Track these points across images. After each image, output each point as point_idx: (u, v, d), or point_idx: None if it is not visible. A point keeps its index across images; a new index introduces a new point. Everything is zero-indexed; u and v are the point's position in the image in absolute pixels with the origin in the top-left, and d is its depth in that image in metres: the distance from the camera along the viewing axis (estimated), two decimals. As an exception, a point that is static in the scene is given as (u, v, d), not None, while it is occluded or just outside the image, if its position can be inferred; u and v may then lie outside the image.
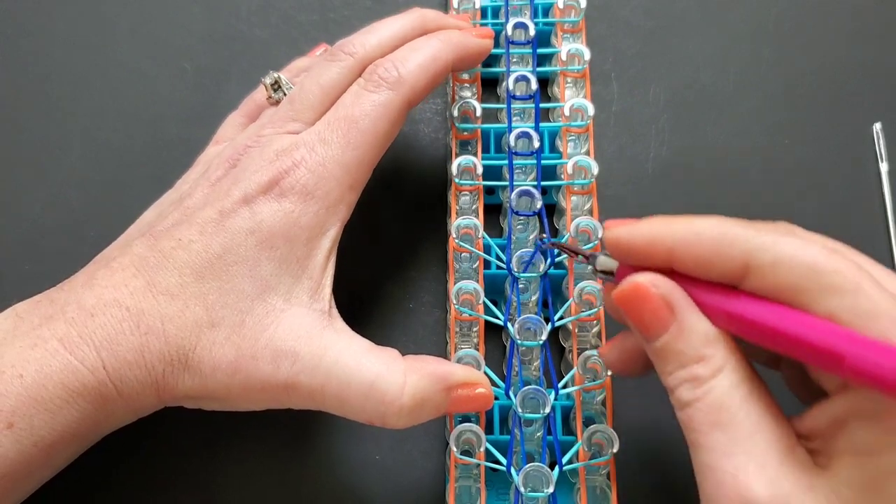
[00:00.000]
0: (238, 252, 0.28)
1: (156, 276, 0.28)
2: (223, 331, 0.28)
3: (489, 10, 0.39)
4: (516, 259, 0.32)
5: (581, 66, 0.37)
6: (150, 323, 0.27)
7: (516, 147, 0.34)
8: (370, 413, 0.28)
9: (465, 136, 0.36)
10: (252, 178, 0.29)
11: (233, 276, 0.28)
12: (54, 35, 0.42)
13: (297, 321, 0.28)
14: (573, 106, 0.35)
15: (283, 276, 0.28)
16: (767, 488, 0.23)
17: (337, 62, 0.32)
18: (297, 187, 0.29)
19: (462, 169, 0.34)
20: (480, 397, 0.29)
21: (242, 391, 0.28)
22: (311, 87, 0.32)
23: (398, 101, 0.31)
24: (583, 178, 0.34)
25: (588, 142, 0.36)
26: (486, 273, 0.34)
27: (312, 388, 0.28)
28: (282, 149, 0.30)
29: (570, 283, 0.33)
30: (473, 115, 0.35)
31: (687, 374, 0.25)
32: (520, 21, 0.36)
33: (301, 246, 0.29)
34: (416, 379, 0.28)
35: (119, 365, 0.27)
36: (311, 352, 0.28)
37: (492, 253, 0.34)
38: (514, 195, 0.33)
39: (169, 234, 0.29)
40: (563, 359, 0.34)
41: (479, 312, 0.32)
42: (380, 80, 0.31)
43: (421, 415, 0.28)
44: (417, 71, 0.31)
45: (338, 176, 0.30)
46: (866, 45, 0.41)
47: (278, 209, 0.29)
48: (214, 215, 0.29)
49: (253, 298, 0.28)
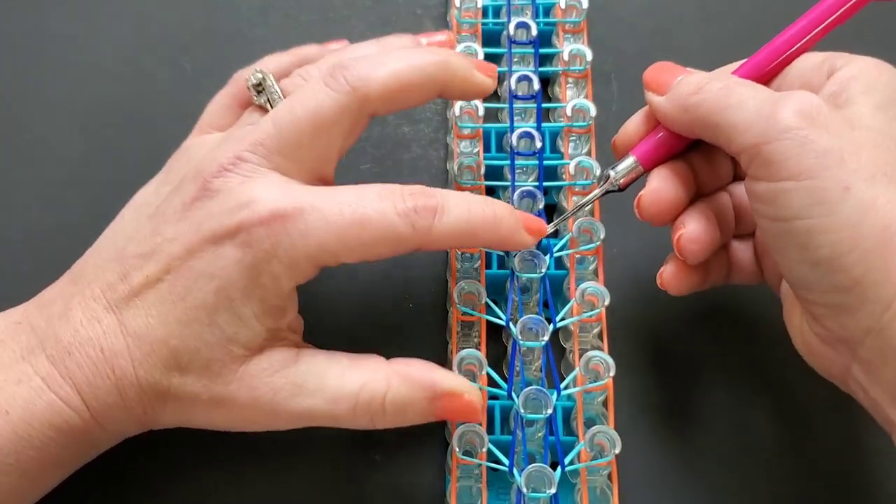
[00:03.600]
0: (198, 297, 0.28)
1: (125, 316, 0.28)
2: (191, 375, 0.28)
3: (490, 9, 0.39)
4: (518, 259, 0.32)
5: (583, 67, 0.37)
6: (122, 367, 0.27)
7: (518, 147, 0.34)
8: (360, 422, 0.28)
9: (467, 135, 0.36)
10: (224, 216, 0.28)
11: (193, 321, 0.28)
12: (54, 34, 0.42)
13: (264, 362, 0.28)
14: (575, 106, 0.35)
15: (242, 330, 0.28)
16: None
17: (330, 91, 0.29)
18: (265, 245, 0.27)
19: (464, 168, 0.34)
20: (467, 407, 0.29)
21: (227, 422, 0.29)
22: (300, 118, 0.29)
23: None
24: (584, 178, 0.34)
25: (589, 142, 0.36)
26: (488, 273, 0.34)
27: (300, 412, 0.28)
28: (264, 198, 0.28)
29: (572, 283, 0.33)
30: (475, 114, 0.35)
31: None
32: (522, 21, 0.36)
33: (257, 303, 0.28)
34: (399, 383, 0.28)
35: (100, 406, 0.27)
36: (289, 381, 0.28)
37: (493, 254, 0.34)
38: (516, 196, 0.33)
39: (138, 268, 0.28)
40: (563, 359, 0.34)
41: (481, 312, 0.32)
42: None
43: (405, 420, 0.29)
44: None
45: (311, 252, 0.27)
46: (866, 46, 0.41)
47: (240, 260, 0.27)
48: (181, 253, 0.28)
49: (214, 346, 0.28)
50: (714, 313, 0.36)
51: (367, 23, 0.42)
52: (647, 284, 0.36)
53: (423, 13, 0.42)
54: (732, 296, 0.36)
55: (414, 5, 0.42)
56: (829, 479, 0.33)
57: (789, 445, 0.33)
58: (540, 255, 0.32)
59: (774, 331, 0.35)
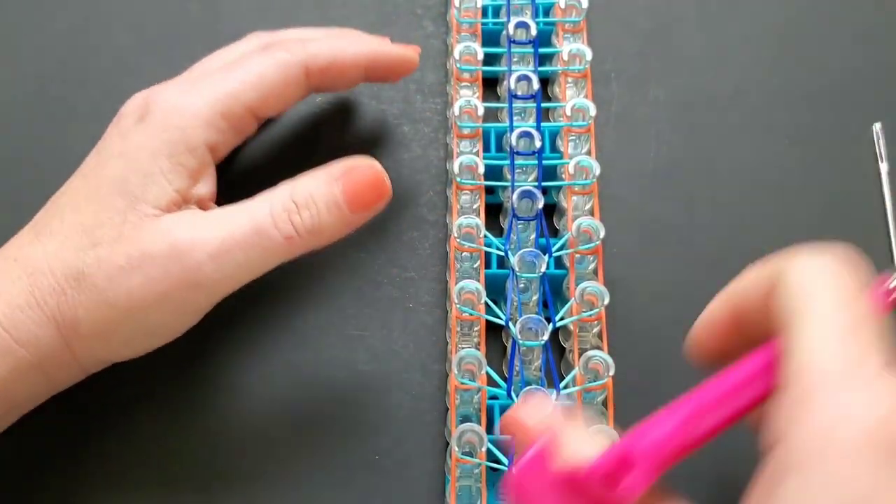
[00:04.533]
0: (107, 175, 0.29)
1: (42, 226, 0.29)
2: (105, 247, 0.28)
3: (490, 8, 0.39)
4: (518, 258, 0.32)
5: (583, 67, 0.37)
6: (34, 264, 0.28)
7: (518, 147, 0.34)
8: (281, 227, 0.28)
9: (467, 134, 0.36)
10: (128, 115, 0.30)
11: (103, 196, 0.29)
12: (54, 35, 0.42)
13: (175, 217, 0.29)
14: (574, 106, 0.35)
15: (150, 187, 0.29)
16: None
17: (246, 42, 0.34)
18: (163, 106, 0.30)
19: (463, 168, 0.34)
20: (369, 175, 0.30)
21: (145, 288, 0.28)
22: (214, 57, 0.34)
23: (295, 62, 0.31)
24: (584, 178, 0.34)
25: (589, 142, 0.36)
26: (487, 273, 0.34)
27: (223, 237, 0.28)
28: (161, 86, 0.31)
29: (572, 283, 0.33)
30: (475, 114, 0.35)
31: None
32: (521, 20, 0.36)
33: (164, 159, 0.29)
34: (304, 180, 0.30)
35: (10, 311, 0.27)
36: (205, 218, 0.29)
37: (493, 254, 0.34)
38: (515, 196, 0.33)
39: (61, 190, 0.30)
40: (563, 359, 0.34)
41: (481, 312, 0.32)
42: (282, 47, 0.32)
43: (319, 216, 0.29)
44: (323, 48, 0.32)
45: (209, 100, 0.30)
46: (866, 46, 0.41)
47: (145, 128, 0.29)
48: (94, 158, 0.30)
49: (125, 211, 0.28)
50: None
51: (367, 23, 0.42)
52: (648, 284, 0.36)
53: (423, 13, 0.42)
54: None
55: (414, 5, 0.42)
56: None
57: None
58: (540, 255, 0.32)
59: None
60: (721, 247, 0.37)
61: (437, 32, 0.42)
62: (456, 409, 0.31)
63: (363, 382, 0.34)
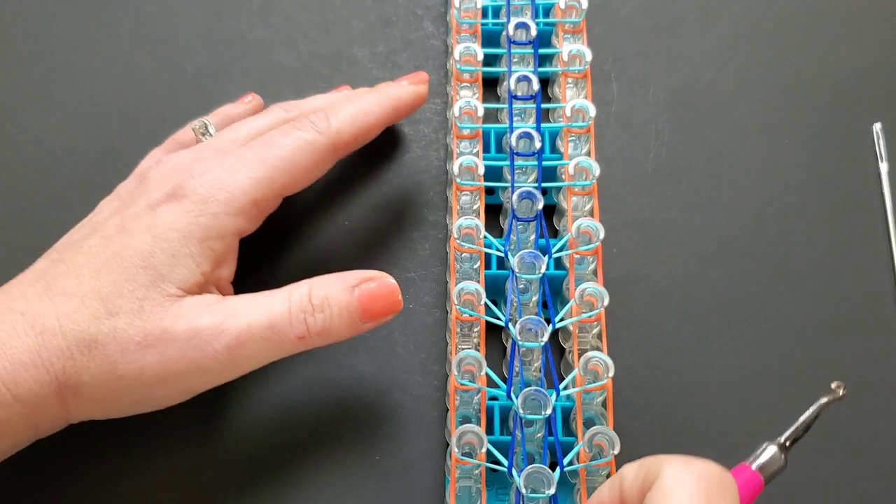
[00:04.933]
0: (134, 247, 0.29)
1: (54, 282, 0.28)
2: (123, 318, 0.28)
3: (490, 9, 0.39)
4: (518, 259, 0.32)
5: (582, 67, 0.37)
6: (45, 323, 0.27)
7: (518, 147, 0.34)
8: (295, 327, 0.29)
9: (467, 135, 0.36)
10: (159, 187, 0.30)
11: (127, 267, 0.28)
12: (55, 35, 0.42)
13: (196, 301, 0.29)
14: (574, 107, 0.35)
15: (177, 268, 0.29)
16: None
17: (271, 114, 0.34)
18: (199, 190, 0.30)
19: (463, 168, 0.34)
20: (384, 289, 0.30)
21: (159, 367, 0.28)
22: (240, 128, 0.33)
23: (323, 143, 0.32)
24: (584, 179, 0.34)
25: (589, 142, 0.36)
26: (487, 273, 0.34)
27: (241, 329, 0.28)
28: (191, 159, 0.31)
29: (571, 284, 0.33)
30: (475, 114, 0.35)
31: None
32: (521, 21, 0.36)
33: (195, 243, 0.29)
34: (320, 282, 0.30)
35: (13, 367, 0.26)
36: (225, 308, 0.29)
37: (493, 255, 0.34)
38: (515, 197, 0.33)
39: (73, 245, 0.30)
40: (563, 359, 0.34)
41: (481, 313, 0.32)
42: (309, 124, 0.32)
43: (331, 319, 0.29)
44: (347, 120, 0.33)
45: (244, 187, 0.30)
46: (866, 45, 0.41)
47: (178, 209, 0.29)
48: (118, 221, 0.30)
49: (148, 286, 0.28)
50: (713, 313, 0.36)
51: (367, 23, 0.42)
52: (647, 284, 0.36)
53: (423, 13, 0.42)
54: (732, 297, 0.36)
55: (414, 5, 0.42)
56: (832, 480, 0.33)
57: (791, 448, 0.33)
58: (539, 256, 0.32)
59: (775, 332, 0.36)
60: (721, 247, 0.37)
61: (437, 33, 0.42)
62: (456, 409, 0.31)
63: (364, 383, 0.34)
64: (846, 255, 0.37)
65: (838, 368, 0.35)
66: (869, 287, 0.36)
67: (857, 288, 0.36)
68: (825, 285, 0.36)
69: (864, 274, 0.37)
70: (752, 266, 0.37)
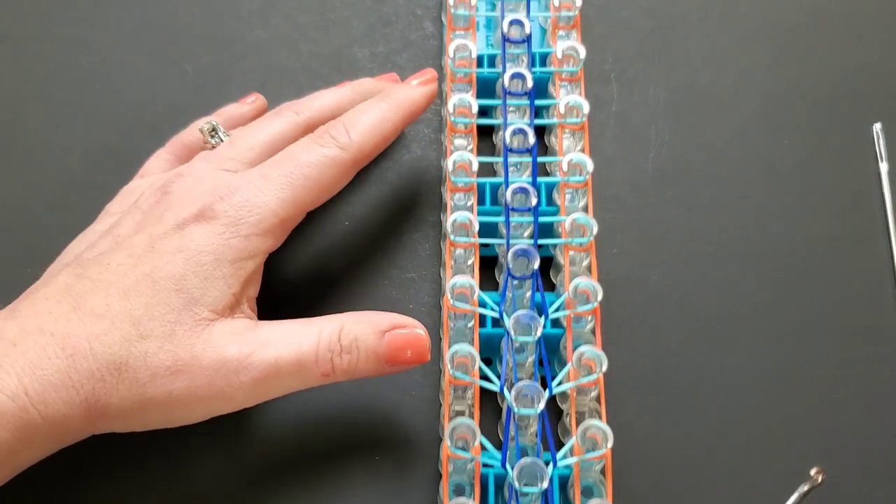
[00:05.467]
0: (165, 269, 0.29)
1: (81, 301, 0.28)
2: (154, 341, 0.28)
3: (485, 58, 0.38)
4: (514, 321, 0.31)
5: (580, 119, 0.36)
6: (75, 344, 0.27)
7: (513, 203, 0.33)
8: (322, 365, 0.29)
9: (461, 188, 0.35)
10: (186, 205, 0.30)
11: (159, 290, 0.28)
12: (55, 36, 0.42)
13: (227, 326, 0.29)
14: (571, 161, 0.34)
15: (209, 291, 0.29)
16: None
17: (283, 118, 0.34)
18: (229, 213, 0.30)
19: (457, 225, 0.33)
20: (414, 339, 0.30)
21: (186, 392, 0.28)
22: (255, 133, 0.33)
23: (346, 160, 0.32)
24: (581, 235, 0.34)
25: (586, 196, 0.35)
26: (482, 332, 0.33)
27: (268, 363, 0.28)
28: (219, 181, 0.31)
29: (569, 344, 0.32)
30: (469, 168, 0.35)
31: None
32: (517, 71, 0.35)
33: (227, 265, 0.29)
34: (352, 322, 0.30)
35: (43, 388, 0.26)
36: (254, 338, 0.29)
37: (488, 313, 0.33)
38: (510, 255, 0.32)
39: (97, 261, 0.29)
40: (560, 422, 0.34)
41: (475, 377, 0.31)
42: (330, 139, 0.32)
43: (357, 360, 0.29)
44: (367, 133, 0.32)
45: (273, 208, 0.30)
46: (866, 46, 0.41)
47: (209, 231, 0.29)
48: (146, 240, 0.29)
49: (180, 310, 0.28)
50: (713, 313, 0.36)
51: (367, 23, 0.42)
52: (647, 284, 0.36)
53: (423, 13, 0.42)
54: (732, 297, 0.36)
55: (414, 5, 0.42)
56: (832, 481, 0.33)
57: (791, 449, 0.33)
58: (535, 318, 0.31)
59: (775, 332, 0.36)
60: (721, 247, 0.37)
61: (437, 33, 0.42)
62: (449, 477, 0.31)
63: (363, 383, 0.34)
64: (846, 255, 0.37)
65: (838, 368, 0.35)
66: (869, 287, 0.36)
67: (857, 288, 0.36)
68: (825, 285, 0.36)
69: (864, 274, 0.36)
70: (752, 266, 0.37)
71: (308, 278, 0.36)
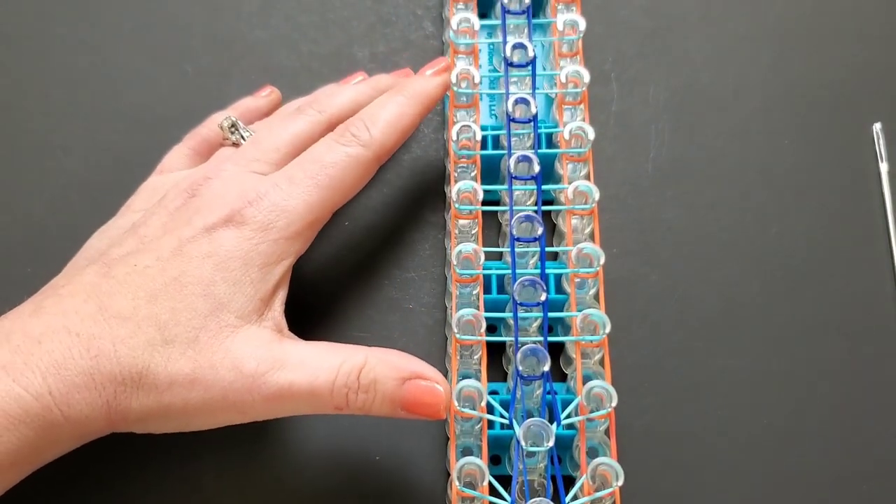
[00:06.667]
0: (194, 273, 0.29)
1: (107, 301, 0.28)
2: (177, 347, 0.28)
3: (490, 139, 0.37)
4: (524, 429, 0.30)
5: (589, 205, 0.34)
6: (100, 346, 0.27)
7: (521, 298, 0.32)
8: (336, 399, 0.29)
9: (467, 279, 0.33)
10: (214, 209, 0.30)
11: (186, 295, 0.28)
12: (55, 37, 0.42)
13: (252, 335, 0.29)
14: (583, 251, 0.33)
15: (237, 296, 0.29)
16: None
17: (305, 116, 0.34)
18: (258, 217, 0.30)
19: (464, 322, 0.32)
20: (432, 393, 0.29)
21: (202, 403, 0.28)
22: (280, 133, 0.33)
23: (369, 157, 0.32)
24: (593, 333, 0.32)
25: (597, 284, 0.34)
26: (490, 434, 0.31)
27: (281, 385, 0.28)
28: (248, 185, 0.31)
29: (582, 444, 0.31)
30: (475, 259, 0.33)
31: None
32: (524, 154, 0.34)
33: (256, 270, 0.29)
34: (376, 361, 0.29)
35: (66, 389, 0.26)
36: (273, 356, 0.29)
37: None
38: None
39: (123, 261, 0.29)
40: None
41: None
42: (352, 138, 0.32)
43: (373, 400, 0.29)
44: (387, 129, 0.33)
45: (301, 212, 0.30)
46: (866, 46, 0.41)
47: (238, 235, 0.29)
48: (174, 243, 0.29)
49: (206, 316, 0.28)
50: (713, 313, 0.36)
51: (367, 23, 0.42)
52: (647, 284, 0.36)
53: (423, 13, 0.42)
54: (732, 297, 0.36)
55: (414, 5, 0.42)
56: (833, 480, 0.33)
57: (791, 449, 0.33)
58: (547, 426, 0.29)
59: (775, 332, 0.36)
60: (721, 247, 0.37)
61: (437, 33, 0.42)
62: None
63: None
64: (846, 255, 0.37)
65: (838, 368, 0.35)
66: (869, 287, 0.36)
67: (857, 288, 0.36)
68: (825, 285, 0.36)
69: (864, 274, 0.37)
70: (752, 266, 0.37)
71: (308, 278, 0.36)
